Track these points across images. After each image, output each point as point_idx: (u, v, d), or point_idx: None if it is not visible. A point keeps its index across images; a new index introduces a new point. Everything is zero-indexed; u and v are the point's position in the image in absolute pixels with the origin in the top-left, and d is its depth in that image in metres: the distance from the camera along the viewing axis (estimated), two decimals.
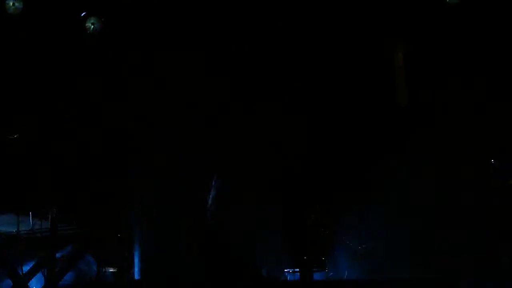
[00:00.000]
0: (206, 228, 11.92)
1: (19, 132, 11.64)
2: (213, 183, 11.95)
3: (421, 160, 11.50)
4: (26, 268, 11.93)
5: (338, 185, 12.08)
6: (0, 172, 11.49)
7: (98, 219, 12.06)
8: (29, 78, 11.87)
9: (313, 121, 12.20)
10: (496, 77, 11.23)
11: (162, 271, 12.06)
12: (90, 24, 12.03)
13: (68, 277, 12.05)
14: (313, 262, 12.04)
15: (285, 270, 12.17)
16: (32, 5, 11.74)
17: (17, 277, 11.83)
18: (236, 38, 12.10)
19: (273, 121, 12.09)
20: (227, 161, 11.94)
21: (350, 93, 12.19)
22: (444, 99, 11.64)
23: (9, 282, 11.76)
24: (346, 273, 12.04)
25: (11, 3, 11.59)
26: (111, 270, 12.27)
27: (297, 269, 12.00)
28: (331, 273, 12.22)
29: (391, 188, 11.63)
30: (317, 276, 12.12)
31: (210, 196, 11.88)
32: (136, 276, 12.22)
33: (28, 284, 11.85)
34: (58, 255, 11.83)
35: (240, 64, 12.04)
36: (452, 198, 11.27)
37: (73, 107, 12.07)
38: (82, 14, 11.98)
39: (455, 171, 11.34)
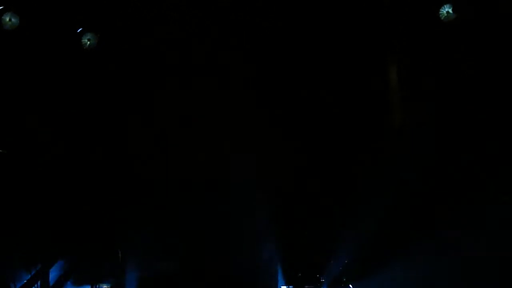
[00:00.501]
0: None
1: None
2: None
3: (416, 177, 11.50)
4: (19, 284, 12.00)
5: (332, 200, 12.02)
6: None
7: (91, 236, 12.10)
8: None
9: (308, 137, 12.17)
10: (489, 91, 11.24)
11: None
12: (86, 40, 12.11)
13: None
14: (307, 279, 11.94)
15: (282, 286, 12.09)
16: (29, 21, 11.84)
17: None
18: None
19: (270, 137, 12.10)
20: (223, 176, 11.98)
21: (344, 109, 12.20)
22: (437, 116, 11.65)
23: None
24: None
25: (7, 19, 11.67)
26: (105, 286, 12.21)
27: (291, 286, 11.92)
28: None
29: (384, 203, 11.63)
30: None
31: None
32: None
33: None
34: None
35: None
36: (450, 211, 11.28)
37: None
38: (79, 30, 12.06)
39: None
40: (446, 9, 11.53)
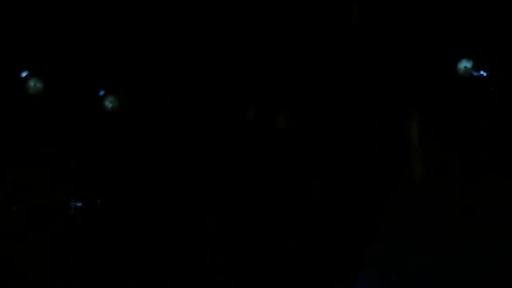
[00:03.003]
0: None
1: None
2: None
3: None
4: None
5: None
6: None
7: None
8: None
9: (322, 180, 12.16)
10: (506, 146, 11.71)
11: None
12: (108, 103, 11.86)
13: None
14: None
15: None
16: (51, 84, 11.53)
17: None
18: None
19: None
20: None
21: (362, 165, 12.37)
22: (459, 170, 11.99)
23: None
24: None
25: (32, 84, 11.32)
26: None
27: None
28: None
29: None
30: None
31: None
32: None
33: None
34: None
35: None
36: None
37: None
38: (101, 93, 11.82)
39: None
40: (464, 64, 12.08)
